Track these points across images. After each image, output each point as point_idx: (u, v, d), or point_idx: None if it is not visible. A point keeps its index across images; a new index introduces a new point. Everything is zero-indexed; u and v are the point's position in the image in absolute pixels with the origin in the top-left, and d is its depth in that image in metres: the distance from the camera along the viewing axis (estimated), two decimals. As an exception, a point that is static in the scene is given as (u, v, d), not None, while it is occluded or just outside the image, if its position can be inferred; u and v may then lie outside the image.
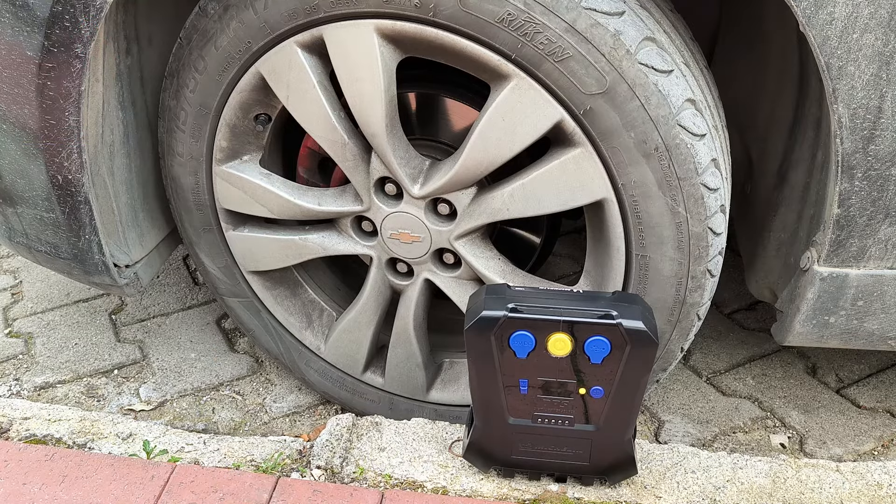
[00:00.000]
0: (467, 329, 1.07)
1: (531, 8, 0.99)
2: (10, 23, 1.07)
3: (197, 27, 1.18)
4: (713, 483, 1.23)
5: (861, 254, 1.11)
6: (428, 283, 1.33)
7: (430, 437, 1.32)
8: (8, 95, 1.13)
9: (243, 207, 1.33)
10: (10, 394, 1.63)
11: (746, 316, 1.87)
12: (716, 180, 1.08)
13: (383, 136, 1.16)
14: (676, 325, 1.20)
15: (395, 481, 1.23)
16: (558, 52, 1.01)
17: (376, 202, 1.25)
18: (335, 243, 1.34)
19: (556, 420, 1.15)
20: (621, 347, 1.05)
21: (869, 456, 1.50)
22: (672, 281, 1.15)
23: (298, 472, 1.25)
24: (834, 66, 0.97)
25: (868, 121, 1.00)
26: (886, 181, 1.04)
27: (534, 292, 1.09)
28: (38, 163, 1.18)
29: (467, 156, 1.14)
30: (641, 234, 1.12)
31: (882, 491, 1.22)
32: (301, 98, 1.18)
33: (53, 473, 1.22)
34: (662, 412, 1.59)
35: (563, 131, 1.08)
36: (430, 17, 1.04)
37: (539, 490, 1.22)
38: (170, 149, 1.32)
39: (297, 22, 1.11)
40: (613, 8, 0.99)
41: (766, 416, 1.59)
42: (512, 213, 1.17)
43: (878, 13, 0.94)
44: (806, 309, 1.17)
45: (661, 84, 1.02)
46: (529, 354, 1.08)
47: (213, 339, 1.81)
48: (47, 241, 1.29)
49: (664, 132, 1.03)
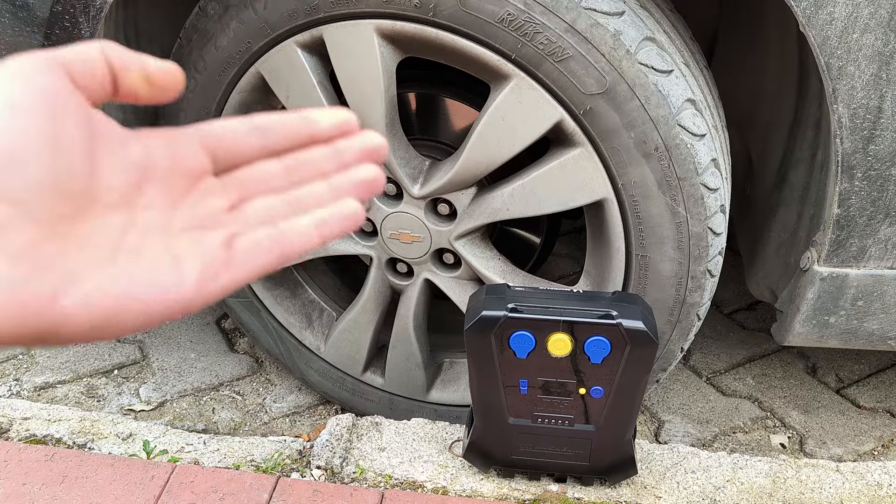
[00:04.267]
0: (467, 329, 1.07)
1: (531, 8, 0.99)
2: (9, 23, 1.07)
3: (197, 27, 1.18)
4: (713, 483, 1.23)
5: (861, 254, 1.11)
6: (428, 283, 1.33)
7: (430, 437, 1.32)
8: (8, 95, 1.13)
9: (243, 207, 1.33)
10: (10, 394, 1.63)
11: (746, 316, 1.87)
12: (716, 180, 1.08)
13: (383, 136, 1.15)
14: (676, 325, 1.20)
15: (395, 481, 1.23)
16: (558, 53, 1.01)
17: (376, 202, 1.25)
18: (335, 243, 1.34)
19: (556, 420, 1.15)
20: (621, 347, 1.05)
21: (869, 456, 1.50)
22: (672, 281, 1.15)
23: (298, 472, 1.25)
24: (834, 66, 0.97)
25: (868, 121, 1.00)
26: (886, 181, 1.04)
27: (534, 292, 1.09)
28: (37, 163, 1.18)
29: (467, 156, 1.14)
30: (641, 234, 1.12)
31: (882, 491, 1.22)
32: (301, 98, 1.18)
33: (53, 473, 1.22)
34: (662, 412, 1.59)
35: (563, 131, 1.08)
36: (430, 18, 1.04)
37: (539, 490, 1.22)
38: (170, 149, 1.32)
39: (296, 22, 1.11)
40: (613, 8, 0.99)
41: (766, 416, 1.59)
42: (512, 213, 1.17)
43: (878, 13, 0.94)
44: (806, 309, 1.17)
45: (661, 84, 1.02)
46: (529, 354, 1.08)
47: (213, 340, 1.81)
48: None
49: (664, 132, 1.03)
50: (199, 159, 0.41)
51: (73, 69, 0.37)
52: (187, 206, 0.40)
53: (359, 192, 0.43)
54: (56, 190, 0.35)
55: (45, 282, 0.34)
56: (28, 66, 0.36)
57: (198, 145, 0.41)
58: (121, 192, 0.38)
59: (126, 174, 0.38)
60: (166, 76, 0.40)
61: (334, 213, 0.42)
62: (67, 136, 0.36)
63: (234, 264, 0.39)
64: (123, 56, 0.39)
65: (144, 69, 0.39)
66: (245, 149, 0.42)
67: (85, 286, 0.35)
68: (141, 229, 0.38)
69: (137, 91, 0.40)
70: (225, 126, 0.42)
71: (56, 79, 0.36)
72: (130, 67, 0.39)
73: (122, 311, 0.36)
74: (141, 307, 0.37)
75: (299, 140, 0.43)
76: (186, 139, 0.41)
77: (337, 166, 0.44)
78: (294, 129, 0.43)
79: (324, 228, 0.42)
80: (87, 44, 0.38)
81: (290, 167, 0.43)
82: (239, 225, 0.41)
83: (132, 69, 0.39)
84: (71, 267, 0.35)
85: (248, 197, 0.42)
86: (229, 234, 0.40)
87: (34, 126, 0.35)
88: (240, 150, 0.42)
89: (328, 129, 0.44)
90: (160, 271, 0.37)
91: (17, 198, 0.34)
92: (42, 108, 0.35)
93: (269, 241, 0.41)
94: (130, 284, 0.36)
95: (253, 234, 0.40)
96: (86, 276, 0.36)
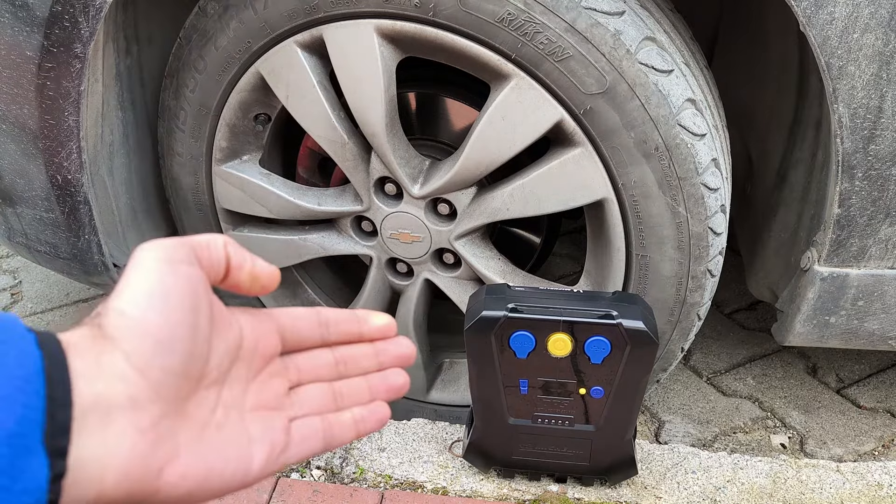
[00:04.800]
0: (467, 329, 1.07)
1: (531, 8, 0.99)
2: (9, 23, 1.07)
3: (197, 27, 1.18)
4: (713, 483, 1.23)
5: (861, 254, 1.11)
6: (428, 283, 1.33)
7: (430, 437, 1.32)
8: (7, 95, 1.13)
9: (243, 207, 1.33)
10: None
11: (747, 316, 1.87)
12: (716, 180, 1.08)
13: (383, 136, 1.15)
14: (677, 325, 1.20)
15: (395, 482, 1.23)
16: (558, 52, 1.01)
17: (376, 202, 1.25)
18: (335, 243, 1.34)
19: (556, 420, 1.15)
20: (621, 347, 1.05)
21: (869, 456, 1.50)
22: (672, 281, 1.15)
23: (298, 473, 1.25)
24: (834, 65, 0.97)
25: (868, 120, 1.00)
26: (887, 181, 1.04)
27: (534, 292, 1.09)
28: (37, 163, 1.18)
29: (467, 156, 1.14)
30: (642, 234, 1.12)
31: (882, 491, 1.22)
32: (301, 98, 1.18)
33: (53, 474, 1.21)
34: (662, 412, 1.59)
35: (563, 131, 1.08)
36: (430, 17, 1.04)
37: (539, 490, 1.22)
38: (169, 149, 1.31)
39: (296, 22, 1.11)
40: (613, 8, 0.99)
41: (766, 416, 1.59)
42: (512, 212, 1.17)
43: (879, 13, 0.94)
44: (806, 309, 1.17)
45: (662, 84, 1.02)
46: (529, 354, 1.07)
47: (212, 340, 1.80)
48: (47, 241, 1.29)
49: (664, 132, 1.03)
50: (275, 343, 0.49)
51: (201, 255, 0.44)
52: (257, 385, 0.47)
53: (389, 395, 0.52)
54: (185, 375, 0.41)
55: (158, 455, 0.40)
56: (175, 253, 0.42)
57: (275, 331, 0.49)
58: (220, 372, 0.44)
59: (226, 356, 0.45)
60: (268, 277, 0.48)
61: (370, 414, 0.51)
62: (202, 327, 0.42)
63: (290, 449, 0.47)
64: (238, 254, 0.46)
65: (253, 270, 0.47)
66: (309, 338, 0.51)
67: (182, 462, 0.41)
68: (224, 405, 0.44)
69: (241, 285, 0.47)
70: (297, 315, 0.50)
71: (198, 270, 0.43)
72: (243, 266, 0.46)
73: (207, 485, 0.42)
74: (221, 483, 0.43)
75: (350, 336, 0.52)
76: (268, 323, 0.48)
77: (375, 366, 0.52)
78: (348, 328, 0.52)
79: (360, 425, 0.50)
80: (215, 238, 0.46)
81: (339, 360, 0.51)
82: (295, 409, 0.48)
83: (244, 268, 0.46)
84: (175, 443, 0.41)
85: (303, 381, 0.50)
86: (287, 419, 0.47)
87: (181, 316, 0.41)
88: (304, 338, 0.50)
89: (373, 331, 0.52)
90: (237, 451, 0.44)
91: (155, 377, 0.40)
92: (188, 299, 0.41)
93: (319, 432, 0.48)
94: (215, 462, 0.42)
95: (306, 423, 0.48)
96: (183, 451, 0.41)
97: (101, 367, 0.38)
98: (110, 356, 0.39)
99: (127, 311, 0.40)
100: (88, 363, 0.38)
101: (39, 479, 0.35)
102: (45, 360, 0.36)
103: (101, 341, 0.39)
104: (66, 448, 0.36)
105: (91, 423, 0.37)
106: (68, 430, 0.36)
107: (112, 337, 0.39)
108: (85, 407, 0.37)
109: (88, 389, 0.37)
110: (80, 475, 0.37)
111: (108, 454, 0.38)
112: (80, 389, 0.37)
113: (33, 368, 0.36)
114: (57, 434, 0.36)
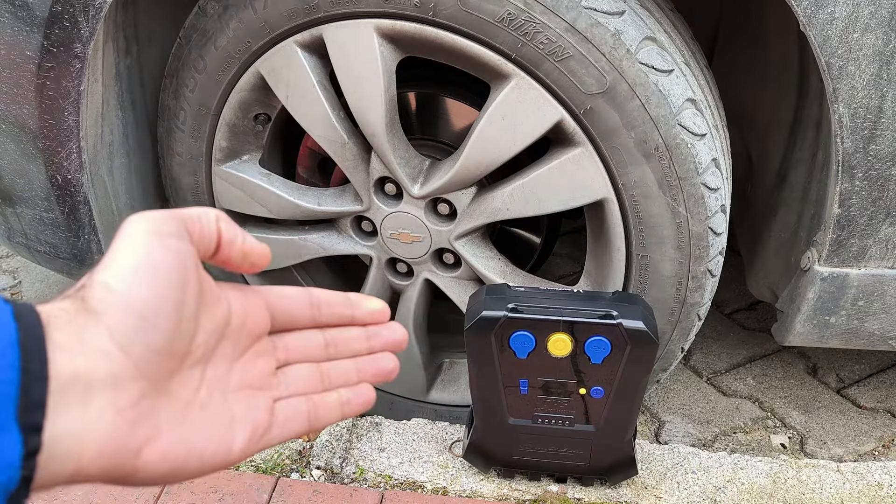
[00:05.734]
0: (467, 329, 1.07)
1: (531, 7, 0.99)
2: (9, 23, 1.07)
3: (196, 27, 1.18)
4: (714, 483, 1.23)
5: (862, 254, 1.11)
6: (428, 283, 1.33)
7: (430, 437, 1.32)
8: (7, 95, 1.13)
9: (243, 207, 1.33)
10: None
11: (747, 316, 1.87)
12: (716, 180, 1.08)
13: (383, 136, 1.15)
14: (677, 325, 1.20)
15: (394, 482, 1.23)
16: (558, 52, 1.01)
17: (376, 202, 1.25)
18: (335, 243, 1.34)
19: (557, 420, 1.15)
20: (621, 347, 1.05)
21: (869, 456, 1.50)
22: (672, 281, 1.15)
23: (298, 473, 1.25)
24: (834, 65, 0.97)
25: (868, 120, 1.00)
26: (887, 181, 1.04)
27: (534, 292, 1.09)
28: (37, 163, 1.18)
29: (467, 155, 1.14)
30: (642, 234, 1.12)
31: (882, 491, 1.22)
32: (301, 98, 1.18)
33: (53, 474, 1.21)
34: (663, 412, 1.59)
35: (563, 131, 1.08)
36: (430, 17, 1.04)
37: (539, 490, 1.22)
38: (169, 149, 1.31)
39: (296, 21, 1.10)
40: (614, 7, 0.99)
41: (766, 416, 1.59)
42: (512, 212, 1.17)
43: (879, 13, 0.94)
44: (806, 309, 1.17)
45: (662, 84, 1.01)
46: (529, 354, 1.07)
47: (212, 340, 1.80)
48: (47, 241, 1.29)
49: (664, 132, 1.03)
50: (264, 322, 0.47)
51: (192, 229, 0.42)
52: (242, 364, 0.46)
53: (377, 378, 0.51)
54: (169, 352, 0.40)
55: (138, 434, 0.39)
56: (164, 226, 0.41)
57: (264, 309, 0.47)
58: (205, 350, 0.43)
59: (213, 333, 0.44)
60: (258, 255, 0.46)
61: (356, 396, 0.50)
62: (189, 304, 0.41)
63: (273, 430, 0.46)
64: (230, 229, 0.45)
65: (244, 246, 0.45)
66: (299, 319, 0.49)
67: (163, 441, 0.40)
68: (207, 384, 0.44)
69: (231, 261, 0.45)
70: (287, 295, 0.49)
71: (187, 245, 0.42)
72: (234, 242, 0.45)
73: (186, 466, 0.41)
74: (200, 464, 0.42)
75: (342, 319, 0.51)
76: (257, 301, 0.47)
77: (366, 349, 0.51)
78: (340, 310, 0.50)
79: (346, 407, 0.49)
80: (207, 211, 0.44)
81: (329, 342, 0.50)
82: (280, 389, 0.47)
83: (235, 244, 0.45)
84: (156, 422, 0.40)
85: (291, 361, 0.49)
86: (272, 399, 0.46)
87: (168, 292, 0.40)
88: (295, 318, 0.49)
89: (366, 315, 0.51)
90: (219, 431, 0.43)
91: (138, 354, 0.38)
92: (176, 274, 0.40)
93: (303, 413, 0.47)
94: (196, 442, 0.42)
95: (291, 404, 0.47)
96: (164, 431, 0.40)
97: (82, 341, 0.37)
98: (93, 331, 0.37)
99: (112, 285, 0.38)
100: (69, 337, 0.37)
101: (12, 456, 0.34)
102: (20, 332, 0.35)
103: (83, 315, 0.38)
104: (41, 423, 0.35)
105: (70, 399, 0.36)
106: (44, 405, 0.35)
107: (95, 311, 0.38)
108: (63, 381, 0.36)
109: (67, 364, 0.36)
110: (56, 451, 0.35)
111: (86, 431, 0.36)
112: (57, 363, 0.36)
113: (8, 340, 0.34)
114: (31, 408, 0.34)
